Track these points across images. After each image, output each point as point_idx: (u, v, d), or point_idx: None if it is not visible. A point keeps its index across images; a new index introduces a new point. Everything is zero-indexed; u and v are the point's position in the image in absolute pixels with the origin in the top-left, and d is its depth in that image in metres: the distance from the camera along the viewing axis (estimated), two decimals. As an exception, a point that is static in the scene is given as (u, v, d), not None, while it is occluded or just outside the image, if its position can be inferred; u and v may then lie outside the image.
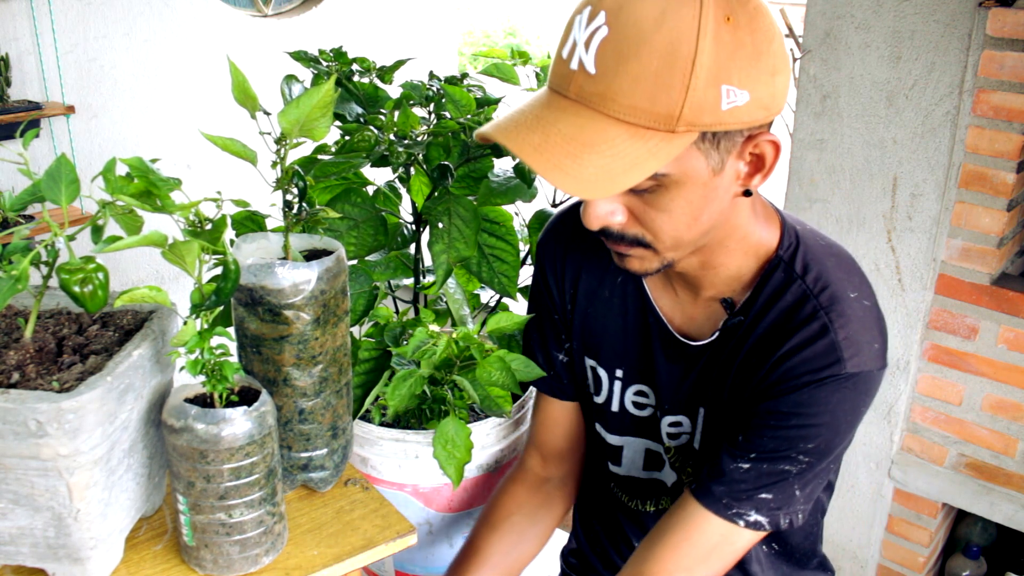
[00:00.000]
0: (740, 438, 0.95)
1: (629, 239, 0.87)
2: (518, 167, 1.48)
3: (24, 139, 0.83)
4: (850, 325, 0.91)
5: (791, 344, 0.92)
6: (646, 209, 0.84)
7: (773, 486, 0.94)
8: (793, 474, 0.94)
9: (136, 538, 0.93)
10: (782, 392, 0.92)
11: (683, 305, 1.03)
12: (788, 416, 0.92)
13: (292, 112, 0.84)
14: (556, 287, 1.12)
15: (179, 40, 2.96)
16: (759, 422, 0.94)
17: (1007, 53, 1.59)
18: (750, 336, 0.96)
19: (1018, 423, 1.77)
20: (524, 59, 1.65)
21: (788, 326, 0.93)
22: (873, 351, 0.92)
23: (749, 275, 0.97)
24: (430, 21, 3.65)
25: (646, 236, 0.87)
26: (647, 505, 1.15)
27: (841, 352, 0.90)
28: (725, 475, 0.95)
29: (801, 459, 0.93)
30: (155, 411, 0.89)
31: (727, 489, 0.95)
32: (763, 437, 0.94)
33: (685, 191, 0.83)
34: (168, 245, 0.79)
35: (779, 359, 0.93)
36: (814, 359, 0.91)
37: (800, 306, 0.93)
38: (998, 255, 1.72)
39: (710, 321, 1.01)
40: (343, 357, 0.98)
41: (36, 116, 2.53)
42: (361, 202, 1.46)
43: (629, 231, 0.87)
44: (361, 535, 0.96)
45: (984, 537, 1.99)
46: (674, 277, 1.02)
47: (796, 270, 0.95)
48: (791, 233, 0.97)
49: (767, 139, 0.82)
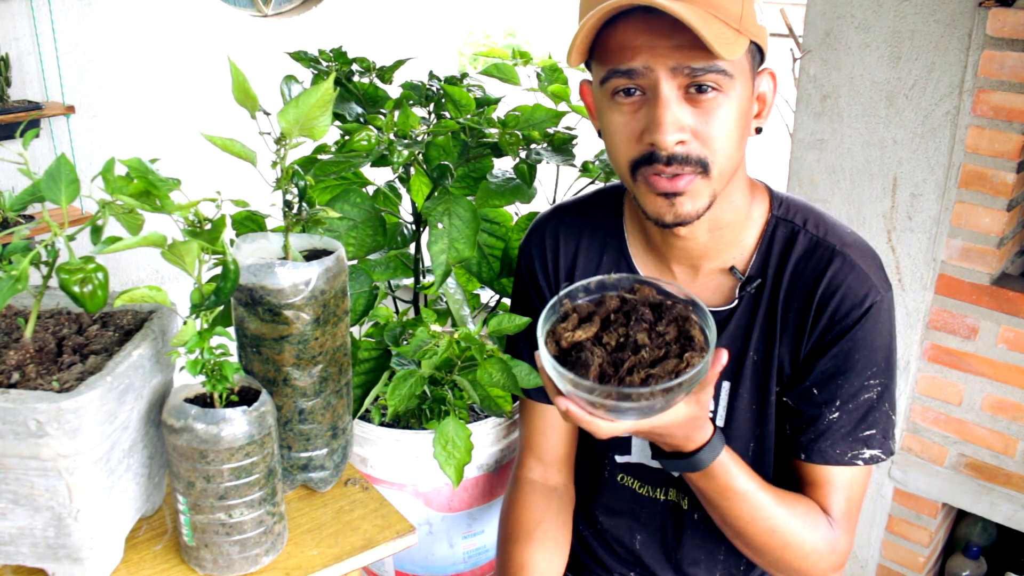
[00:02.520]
0: (815, 392, 1.00)
1: (693, 160, 0.90)
2: (518, 167, 1.48)
3: (24, 139, 0.83)
4: (863, 253, 1.00)
5: (824, 287, 0.98)
6: (707, 122, 0.89)
7: (869, 417, 1.01)
8: (876, 399, 1.00)
9: (136, 538, 0.93)
10: (838, 335, 0.98)
11: (683, 284, 1.05)
12: (851, 353, 0.98)
13: (292, 111, 0.84)
14: (547, 283, 1.12)
15: (179, 40, 2.96)
16: (827, 370, 0.99)
17: (1007, 53, 1.59)
18: (778, 294, 1.01)
19: (1018, 423, 1.77)
20: (525, 59, 1.65)
21: (812, 272, 0.99)
22: (883, 267, 1.02)
23: (752, 240, 1.02)
24: (430, 21, 3.65)
25: (706, 155, 0.90)
26: (658, 492, 1.15)
27: (870, 278, 0.98)
28: (824, 431, 1.01)
29: (876, 383, 1.00)
30: (155, 411, 0.89)
31: (832, 441, 1.01)
32: (837, 381, 0.99)
33: (737, 101, 0.90)
34: (167, 245, 0.79)
35: (819, 305, 0.98)
36: (852, 293, 0.98)
37: (814, 251, 1.00)
38: (998, 255, 1.72)
39: (718, 293, 1.04)
40: (343, 357, 0.98)
41: (36, 116, 2.53)
42: (361, 202, 1.46)
43: (693, 152, 0.90)
44: (361, 535, 0.96)
45: (984, 537, 1.99)
46: (672, 258, 1.04)
47: (796, 223, 1.02)
48: (778, 196, 1.05)
49: (768, 72, 0.95)
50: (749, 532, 0.98)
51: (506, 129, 1.48)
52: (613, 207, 1.11)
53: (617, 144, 0.93)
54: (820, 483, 1.02)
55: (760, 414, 1.05)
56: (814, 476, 1.03)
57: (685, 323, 0.81)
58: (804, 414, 1.02)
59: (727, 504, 0.96)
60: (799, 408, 1.02)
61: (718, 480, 0.94)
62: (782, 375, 1.03)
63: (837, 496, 1.02)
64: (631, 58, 0.86)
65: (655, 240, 1.05)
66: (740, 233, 1.02)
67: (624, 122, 0.91)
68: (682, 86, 0.87)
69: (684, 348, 0.80)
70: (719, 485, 0.94)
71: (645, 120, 0.89)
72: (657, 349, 0.81)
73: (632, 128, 0.90)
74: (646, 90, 0.89)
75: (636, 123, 0.90)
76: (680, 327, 0.81)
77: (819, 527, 1.00)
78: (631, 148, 0.91)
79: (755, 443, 1.06)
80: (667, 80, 0.86)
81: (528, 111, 1.51)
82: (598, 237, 1.10)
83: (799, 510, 1.00)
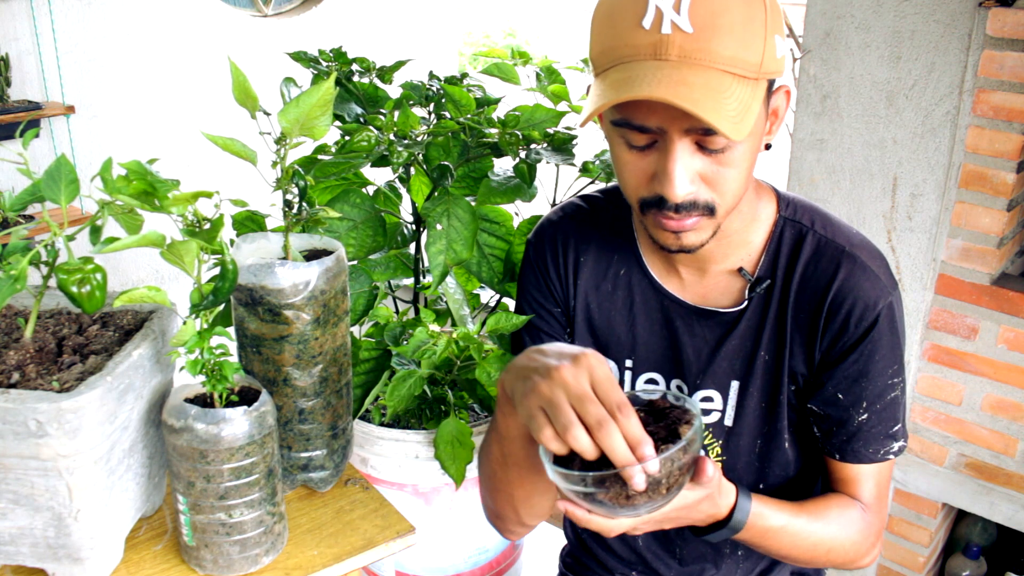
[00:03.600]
0: (840, 397, 1.01)
1: (700, 206, 0.90)
2: (518, 167, 1.48)
3: (24, 139, 0.83)
4: (872, 254, 1.01)
5: (836, 290, 0.99)
6: (719, 169, 0.88)
7: (894, 413, 1.03)
8: (898, 394, 1.03)
9: (136, 538, 0.93)
10: (857, 338, 0.99)
11: (692, 286, 1.05)
12: (872, 355, 0.99)
13: (292, 111, 0.84)
14: (559, 281, 1.12)
15: (179, 40, 2.96)
16: (849, 375, 1.00)
17: (1007, 53, 1.59)
18: (788, 295, 1.01)
19: (1018, 423, 1.77)
20: (525, 59, 1.65)
21: (824, 273, 1.00)
22: (889, 266, 1.03)
23: (759, 241, 1.02)
24: (430, 21, 3.65)
25: (715, 200, 0.90)
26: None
27: (881, 279, 0.99)
28: (855, 432, 1.02)
29: (898, 380, 1.02)
30: (155, 411, 0.89)
31: (865, 441, 1.02)
32: (861, 384, 1.00)
33: (750, 143, 0.88)
34: (167, 245, 0.79)
35: (831, 308, 0.99)
36: (865, 296, 0.98)
37: (824, 252, 1.00)
38: (998, 255, 1.72)
39: (727, 294, 1.04)
40: (343, 357, 0.98)
41: (36, 116, 2.53)
42: (361, 202, 1.46)
43: (702, 198, 0.90)
44: (361, 535, 0.96)
45: (984, 537, 1.99)
46: (679, 259, 1.04)
47: (804, 223, 1.02)
48: (784, 197, 1.05)
49: (784, 89, 0.92)
50: (794, 556, 1.01)
51: (506, 129, 1.48)
52: (623, 206, 1.11)
53: (626, 179, 0.92)
54: (851, 479, 1.05)
55: (769, 413, 1.05)
56: (845, 474, 1.05)
57: (676, 424, 0.82)
58: (832, 418, 1.03)
59: (768, 543, 0.98)
60: (826, 413, 1.03)
61: (755, 528, 0.95)
62: (796, 376, 1.04)
63: (868, 485, 1.05)
64: (645, 118, 0.85)
65: None
66: (748, 235, 1.02)
67: (634, 161, 0.90)
68: (694, 139, 0.87)
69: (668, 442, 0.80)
70: (757, 531, 0.96)
71: (655, 166, 0.89)
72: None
73: (641, 168, 0.90)
74: (657, 140, 0.88)
75: (646, 165, 0.89)
76: (671, 427, 0.82)
77: (854, 521, 1.03)
78: (640, 188, 0.91)
79: (762, 440, 1.06)
80: (679, 137, 0.86)
81: (528, 111, 1.51)
82: (609, 236, 1.10)
83: (832, 515, 1.02)
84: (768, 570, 1.18)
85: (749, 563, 1.16)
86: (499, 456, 0.96)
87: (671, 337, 1.07)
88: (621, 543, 1.20)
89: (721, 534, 0.94)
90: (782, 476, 1.08)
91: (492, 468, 0.99)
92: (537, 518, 1.04)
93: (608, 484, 0.77)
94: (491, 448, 0.98)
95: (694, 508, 0.87)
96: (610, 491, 0.77)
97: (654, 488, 0.78)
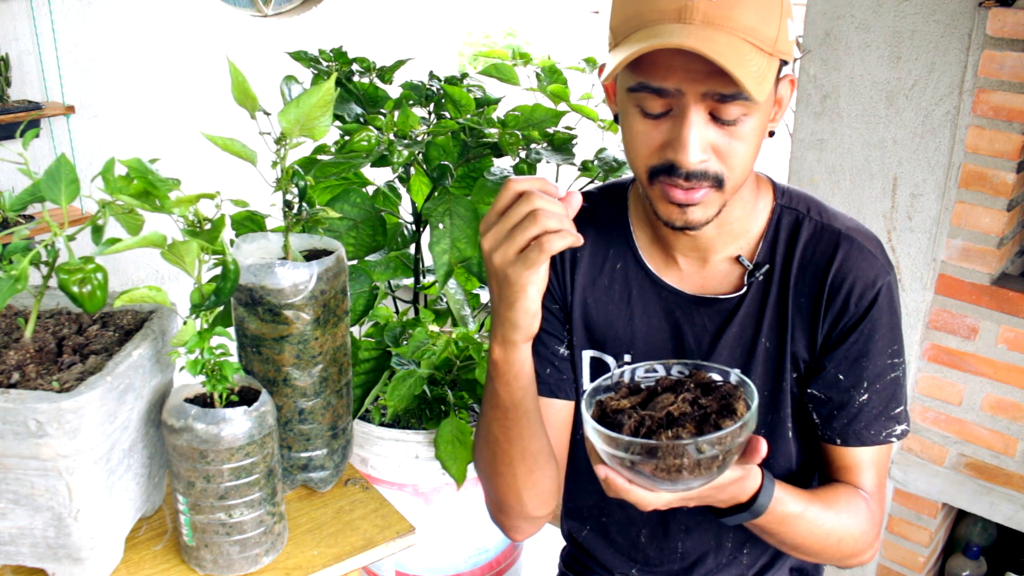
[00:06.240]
0: (841, 378, 1.02)
1: (711, 177, 0.91)
2: (518, 167, 1.48)
3: (24, 139, 0.83)
4: (866, 236, 1.03)
5: (835, 271, 1.00)
6: (730, 142, 0.90)
7: (896, 395, 1.04)
8: (899, 375, 1.04)
9: (136, 538, 0.93)
10: (856, 318, 1.00)
11: (690, 276, 1.06)
12: (872, 335, 1.00)
13: (292, 111, 0.84)
14: (556, 277, 1.13)
15: (179, 40, 2.96)
16: (850, 355, 1.01)
17: (1007, 53, 1.59)
18: (788, 280, 1.02)
19: (1018, 423, 1.77)
20: (525, 59, 1.65)
21: (822, 256, 1.01)
22: (884, 248, 1.04)
23: (757, 230, 1.04)
24: (430, 21, 3.65)
25: (724, 173, 0.91)
26: None
27: (878, 259, 1.01)
28: (857, 414, 1.03)
29: (898, 361, 1.03)
30: (155, 411, 0.89)
31: (867, 423, 1.03)
32: (861, 364, 1.01)
33: (760, 119, 0.90)
34: (167, 245, 0.79)
35: (832, 290, 1.00)
36: (864, 276, 1.00)
37: (821, 236, 1.02)
38: (998, 255, 1.72)
39: (726, 282, 1.05)
40: (343, 357, 0.98)
41: (36, 116, 2.53)
42: (361, 202, 1.46)
43: (712, 169, 0.91)
44: (361, 535, 0.96)
45: (984, 537, 1.99)
46: (678, 250, 1.05)
47: (800, 210, 1.04)
48: (780, 186, 1.07)
49: (789, 78, 0.95)
50: (807, 545, 1.01)
51: (506, 129, 1.48)
52: (618, 202, 1.11)
53: (637, 148, 0.93)
54: (853, 466, 1.05)
55: (772, 400, 1.06)
56: (846, 460, 1.05)
57: (730, 398, 0.81)
58: (833, 401, 1.04)
59: (783, 530, 0.98)
60: (828, 396, 1.04)
61: (775, 514, 0.95)
62: (798, 362, 1.04)
63: (869, 473, 1.05)
64: (664, 78, 0.87)
65: (661, 233, 1.06)
66: (747, 224, 1.04)
67: (647, 131, 0.91)
68: (708, 108, 0.88)
69: (723, 417, 0.78)
70: (776, 517, 0.96)
71: (668, 134, 0.90)
72: (697, 419, 0.80)
73: (654, 137, 0.91)
74: (673, 107, 0.89)
75: (659, 134, 0.91)
76: (724, 402, 0.80)
77: (860, 510, 1.03)
78: (651, 156, 0.92)
79: (766, 428, 1.07)
80: (696, 103, 0.87)
81: (528, 111, 1.51)
82: (604, 231, 1.10)
83: (841, 503, 1.02)
84: (769, 565, 1.18)
85: (750, 557, 1.16)
86: (500, 433, 0.97)
87: (671, 328, 1.07)
88: (622, 540, 1.20)
89: (741, 517, 0.94)
90: (786, 468, 1.08)
91: (492, 451, 1.00)
92: (542, 507, 1.04)
93: (660, 454, 0.74)
94: (490, 429, 0.99)
95: (726, 488, 0.87)
96: (659, 463, 0.74)
97: (707, 465, 0.75)
